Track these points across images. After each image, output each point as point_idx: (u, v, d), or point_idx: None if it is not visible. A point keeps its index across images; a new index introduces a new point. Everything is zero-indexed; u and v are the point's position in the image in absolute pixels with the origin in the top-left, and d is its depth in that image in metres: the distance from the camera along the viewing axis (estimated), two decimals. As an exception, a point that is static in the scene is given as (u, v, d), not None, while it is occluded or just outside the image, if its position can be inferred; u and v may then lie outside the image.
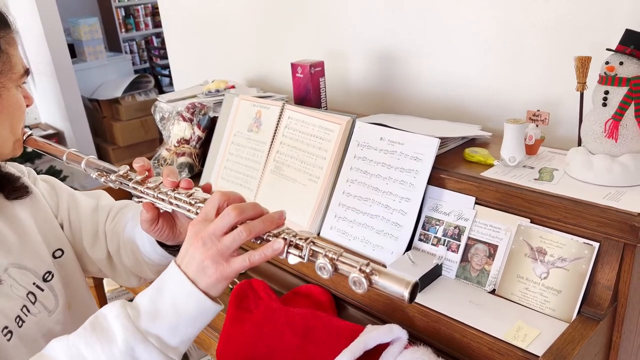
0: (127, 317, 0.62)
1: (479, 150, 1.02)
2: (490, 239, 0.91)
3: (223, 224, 0.63)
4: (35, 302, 0.81)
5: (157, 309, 0.62)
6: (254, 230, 0.63)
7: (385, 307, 0.93)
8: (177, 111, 1.52)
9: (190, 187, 0.75)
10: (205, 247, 0.63)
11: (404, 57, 1.36)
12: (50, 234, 0.89)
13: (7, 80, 0.74)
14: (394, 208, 1.00)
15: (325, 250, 0.62)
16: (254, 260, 0.63)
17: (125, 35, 4.90)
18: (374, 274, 0.59)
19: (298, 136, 1.18)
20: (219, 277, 0.63)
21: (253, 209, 0.65)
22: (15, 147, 0.80)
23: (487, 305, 0.85)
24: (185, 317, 0.63)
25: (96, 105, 4.03)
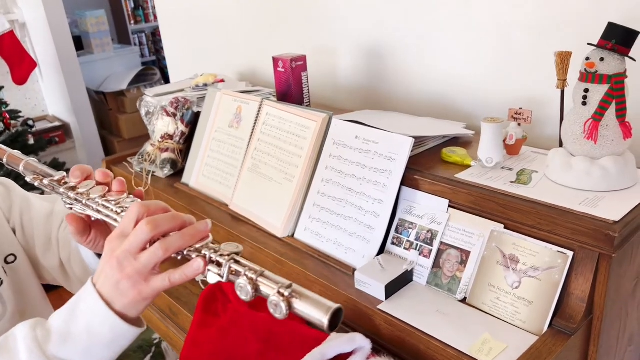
0: (34, 339, 0.58)
1: (457, 150, 0.97)
2: (463, 244, 0.86)
3: (138, 240, 0.59)
4: None
5: (69, 331, 0.59)
6: (171, 247, 0.59)
7: (353, 314, 0.89)
8: (161, 106, 1.49)
9: (123, 189, 0.70)
10: (120, 266, 0.59)
11: (391, 53, 1.31)
12: (2, 238, 0.87)
13: None
14: (367, 210, 0.96)
15: (245, 270, 0.57)
16: (175, 280, 0.59)
17: (134, 27, 4.89)
18: (295, 297, 0.54)
19: (275, 133, 1.14)
20: (137, 298, 0.59)
21: (171, 221, 0.60)
22: None
23: (455, 315, 0.81)
24: (99, 341, 0.59)
25: (102, 98, 4.03)
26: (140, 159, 1.51)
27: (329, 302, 0.53)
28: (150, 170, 1.45)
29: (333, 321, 0.52)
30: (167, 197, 1.33)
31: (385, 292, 0.85)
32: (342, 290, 0.90)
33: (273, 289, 0.55)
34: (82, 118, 3.69)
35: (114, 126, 4.08)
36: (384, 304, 0.85)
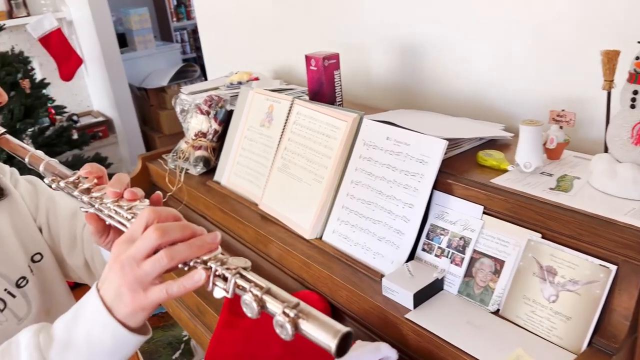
0: (36, 347, 0.57)
1: (494, 154, 0.92)
2: (497, 253, 0.82)
3: (144, 246, 0.57)
4: (4, 309, 0.79)
5: (71, 339, 0.58)
6: (177, 256, 0.56)
7: (379, 322, 0.86)
8: (195, 104, 1.50)
9: (134, 198, 0.68)
10: (123, 272, 0.57)
11: (427, 50, 1.27)
12: (29, 237, 0.87)
13: None
14: (397, 214, 0.93)
15: (251, 286, 0.55)
16: (172, 292, 0.57)
17: (176, 24, 4.97)
18: (301, 317, 0.51)
19: (306, 133, 1.12)
20: (136, 307, 0.57)
21: (181, 230, 0.58)
22: None
23: (487, 327, 0.77)
24: (100, 349, 0.58)
25: (144, 94, 4.11)
26: (174, 156, 1.52)
27: (338, 324, 0.50)
28: (183, 168, 1.45)
29: (342, 345, 0.49)
30: (199, 194, 1.33)
31: (413, 300, 0.82)
32: (368, 296, 0.87)
33: (279, 307, 0.52)
34: (125, 114, 3.79)
35: (154, 122, 4.16)
36: (411, 312, 0.82)
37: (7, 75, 2.62)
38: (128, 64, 3.96)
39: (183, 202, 1.41)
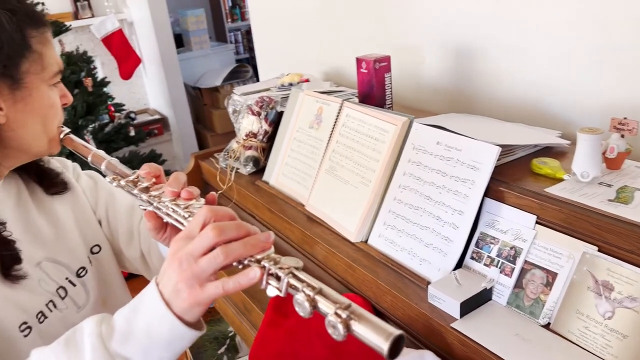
0: (99, 336, 0.60)
1: (549, 162, 0.89)
2: (550, 265, 0.79)
3: (201, 244, 0.59)
4: (65, 297, 0.83)
5: (131, 330, 0.60)
6: (232, 254, 0.58)
7: (424, 329, 0.85)
8: (247, 104, 1.52)
9: (191, 197, 0.71)
10: (180, 267, 0.59)
11: (480, 53, 1.24)
12: (89, 230, 0.92)
13: (38, 80, 0.75)
14: (446, 220, 0.92)
15: (303, 285, 0.56)
16: (228, 288, 0.59)
17: (230, 25, 5.08)
18: (353, 318, 0.51)
19: (354, 135, 1.12)
20: (192, 302, 0.59)
21: (236, 229, 0.60)
22: (50, 146, 0.82)
23: (537, 341, 0.75)
24: (158, 341, 0.60)
25: (198, 93, 4.23)
26: (225, 156, 1.56)
27: (390, 327, 0.50)
28: (234, 167, 1.48)
29: (394, 348, 0.49)
30: (248, 193, 1.36)
31: (460, 309, 0.80)
32: (413, 303, 0.86)
33: (331, 308, 0.52)
34: (179, 112, 3.90)
35: (207, 121, 4.26)
36: (458, 322, 0.80)
37: (71, 74, 2.76)
38: (184, 64, 4.07)
39: (232, 201, 1.44)
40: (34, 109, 0.76)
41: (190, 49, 4.37)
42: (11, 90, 0.72)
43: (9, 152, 0.77)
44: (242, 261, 0.60)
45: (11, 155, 0.78)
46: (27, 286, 0.78)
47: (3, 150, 0.76)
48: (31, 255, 0.80)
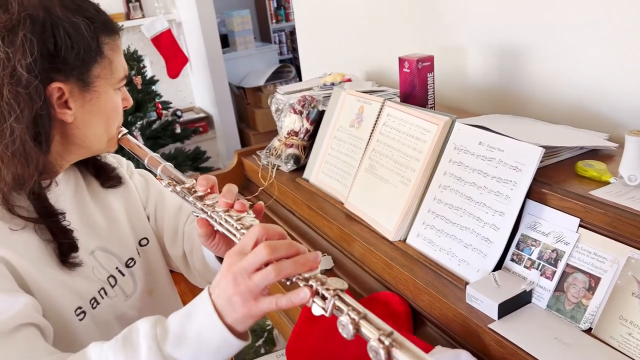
0: (154, 338, 0.63)
1: (595, 164, 0.87)
2: (593, 269, 0.77)
3: (255, 261, 0.62)
4: (115, 285, 0.87)
5: (184, 335, 0.63)
6: (283, 272, 0.61)
7: (461, 329, 0.84)
8: (289, 103, 1.55)
9: (243, 209, 0.75)
10: (235, 282, 0.62)
11: (526, 53, 1.22)
12: (138, 223, 0.96)
13: (106, 84, 0.80)
14: (486, 221, 0.91)
15: (349, 309, 0.57)
16: (281, 304, 0.62)
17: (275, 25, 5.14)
18: (395, 346, 0.53)
19: (395, 135, 1.13)
20: (246, 315, 0.63)
21: (287, 248, 0.63)
22: (109, 144, 0.86)
23: (577, 346, 0.73)
24: (207, 348, 0.63)
25: (242, 93, 4.30)
26: (267, 153, 1.59)
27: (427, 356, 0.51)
28: (275, 164, 1.51)
29: None
30: (288, 190, 1.38)
31: (498, 310, 0.79)
32: (451, 303, 0.86)
33: (374, 334, 0.54)
34: (223, 111, 3.98)
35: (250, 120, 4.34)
36: (495, 323, 0.80)
37: (122, 72, 2.86)
38: (229, 64, 4.15)
39: (273, 197, 1.47)
40: (99, 111, 0.80)
41: (235, 49, 4.45)
42: (81, 93, 0.77)
43: (72, 148, 0.82)
44: (290, 278, 0.63)
45: (73, 151, 0.83)
46: (82, 273, 0.82)
47: (67, 146, 0.81)
48: (86, 244, 0.85)
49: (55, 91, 0.74)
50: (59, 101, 0.76)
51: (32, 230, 0.76)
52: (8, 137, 0.71)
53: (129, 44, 3.45)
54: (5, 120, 0.71)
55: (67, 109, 0.77)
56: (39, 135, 0.74)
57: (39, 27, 0.71)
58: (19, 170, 0.72)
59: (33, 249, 0.76)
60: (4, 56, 0.70)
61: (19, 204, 0.76)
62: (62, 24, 0.73)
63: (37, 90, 0.71)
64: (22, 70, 0.70)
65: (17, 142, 0.71)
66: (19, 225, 0.75)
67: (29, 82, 0.70)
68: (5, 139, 0.71)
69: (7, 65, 0.70)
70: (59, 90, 0.75)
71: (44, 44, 0.72)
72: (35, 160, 0.73)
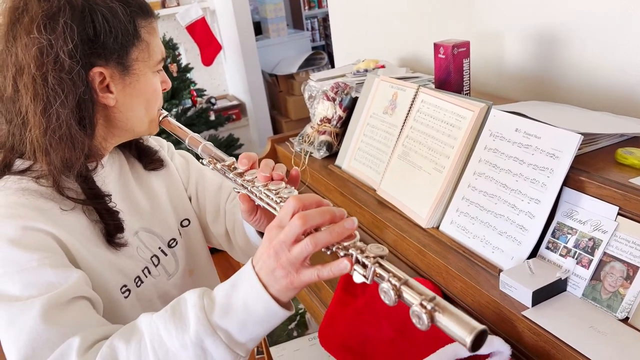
0: (202, 308, 0.66)
1: (635, 152, 0.85)
2: (631, 258, 0.76)
3: (291, 233, 0.63)
4: (158, 265, 0.90)
5: (230, 305, 0.66)
6: (319, 243, 0.62)
7: (494, 316, 0.84)
8: (322, 90, 1.55)
9: (281, 178, 0.76)
10: (277, 256, 0.64)
11: (565, 38, 1.19)
12: (180, 204, 0.98)
13: (145, 67, 0.82)
14: (521, 209, 0.90)
15: (389, 275, 0.58)
16: (323, 275, 0.63)
17: (307, 12, 5.13)
18: (437, 310, 0.53)
19: (429, 121, 1.12)
20: (289, 286, 0.64)
21: (321, 215, 0.64)
22: (150, 127, 0.88)
23: (613, 335, 0.72)
24: (253, 317, 0.65)
25: (275, 80, 4.32)
26: (300, 140, 1.60)
27: (474, 321, 0.52)
28: (308, 151, 1.52)
29: (476, 342, 0.50)
30: (321, 177, 1.39)
31: (532, 298, 0.79)
32: (484, 289, 0.86)
33: (416, 299, 0.54)
34: (256, 98, 4.01)
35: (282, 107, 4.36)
36: (529, 310, 0.79)
37: (158, 60, 2.92)
38: (261, 51, 4.17)
39: (306, 184, 1.48)
40: (140, 94, 0.82)
41: (268, 37, 4.47)
42: (122, 76, 0.79)
43: (115, 131, 0.84)
44: (331, 247, 0.64)
45: (116, 133, 0.85)
46: (127, 253, 0.85)
47: (110, 129, 0.84)
48: (131, 225, 0.88)
49: (97, 76, 0.77)
50: (100, 85, 0.78)
51: (81, 211, 0.80)
52: (55, 122, 0.74)
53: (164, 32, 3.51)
54: (51, 105, 0.74)
55: (109, 92, 0.79)
56: (83, 119, 0.76)
57: (78, 13, 0.73)
58: (66, 153, 0.75)
59: (82, 229, 0.79)
60: (47, 43, 0.72)
61: (68, 186, 0.79)
62: (99, 9, 0.75)
63: (79, 75, 0.74)
64: (64, 57, 0.72)
65: (64, 127, 0.74)
66: (68, 206, 0.78)
67: (71, 68, 0.73)
68: (52, 124, 0.74)
69: (50, 52, 0.72)
70: (100, 74, 0.77)
71: (83, 29, 0.74)
72: (81, 144, 0.76)
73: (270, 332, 1.53)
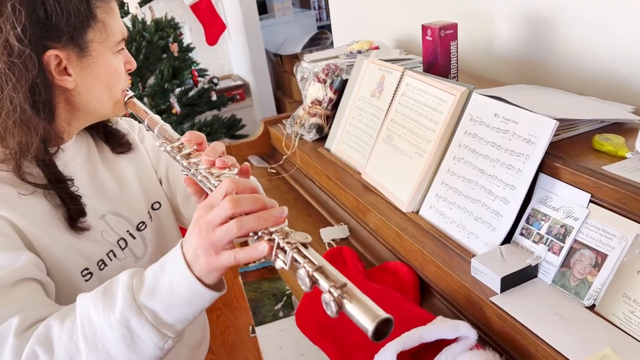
0: (129, 288, 0.66)
1: (613, 138, 0.84)
2: (600, 245, 0.76)
3: (218, 214, 0.63)
4: (125, 248, 0.90)
5: (157, 286, 0.65)
6: (245, 226, 0.62)
7: (465, 301, 0.85)
8: (314, 72, 1.54)
9: (224, 166, 0.74)
10: (200, 235, 0.63)
11: (556, 21, 1.17)
12: (150, 187, 0.98)
13: (103, 48, 0.80)
14: (497, 195, 0.90)
15: (305, 262, 0.57)
16: (239, 258, 0.63)
17: (314, -9, 5.06)
18: (346, 298, 0.53)
19: (413, 105, 1.11)
20: (209, 268, 0.64)
21: (252, 202, 0.64)
22: (115, 108, 0.87)
23: (578, 322, 0.73)
24: (179, 298, 0.65)
25: (279, 60, 4.29)
26: (292, 122, 1.60)
27: (380, 310, 0.51)
28: (299, 133, 1.52)
29: (380, 330, 0.50)
30: (309, 160, 1.39)
31: (500, 284, 0.79)
32: (455, 274, 0.86)
33: (326, 286, 0.54)
34: (260, 78, 3.99)
35: (286, 87, 4.33)
36: (498, 296, 0.80)
37: (159, 39, 2.90)
38: (266, 30, 4.14)
39: (296, 166, 1.48)
40: (99, 75, 0.81)
41: (274, 15, 4.42)
42: (79, 58, 0.78)
43: (78, 114, 0.84)
44: (257, 233, 0.63)
45: (80, 116, 0.85)
46: (90, 237, 0.85)
47: (73, 112, 0.83)
48: (96, 209, 0.88)
49: (52, 59, 0.76)
50: (58, 68, 0.77)
51: (42, 196, 0.80)
52: (8, 107, 0.73)
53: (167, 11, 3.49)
54: (2, 90, 0.73)
55: (67, 75, 0.78)
56: (38, 103, 0.75)
57: None
58: (22, 138, 0.74)
59: (42, 213, 0.79)
60: None
61: (29, 170, 0.79)
62: None
63: (31, 59, 0.72)
64: (13, 41, 0.71)
65: (18, 111, 0.73)
66: (28, 191, 0.78)
67: (21, 52, 0.71)
68: (6, 109, 0.73)
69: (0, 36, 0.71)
70: (56, 57, 0.76)
71: (33, 12, 0.72)
72: (36, 127, 0.75)
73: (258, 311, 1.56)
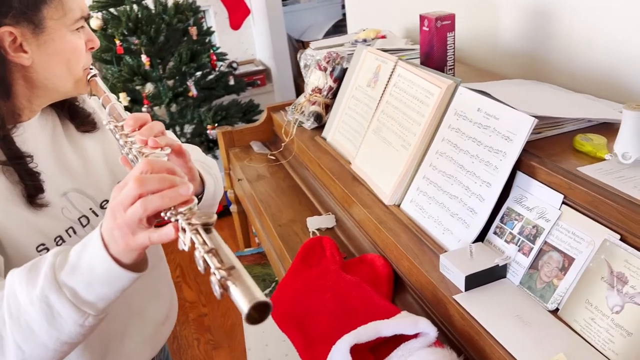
0: (52, 265, 0.66)
1: (594, 139, 0.81)
2: (569, 249, 0.74)
3: (127, 195, 0.63)
4: (87, 225, 0.91)
5: (78, 264, 0.66)
6: (150, 206, 0.62)
7: (432, 298, 0.84)
8: (316, 59, 1.53)
9: (155, 147, 0.74)
10: (113, 216, 0.64)
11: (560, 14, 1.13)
12: (117, 166, 0.98)
13: (60, 25, 0.80)
14: (473, 191, 0.88)
15: (199, 243, 0.57)
16: (153, 239, 0.63)
17: (341, -23, 5.01)
18: (230, 280, 0.52)
19: (402, 96, 1.10)
20: (126, 248, 0.64)
21: (159, 182, 0.63)
22: (77, 86, 0.87)
23: (537, 325, 0.71)
24: (97, 278, 0.66)
25: (301, 46, 4.28)
26: (293, 109, 1.59)
27: (260, 294, 0.51)
28: (298, 120, 1.52)
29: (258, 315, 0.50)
30: (305, 148, 1.39)
31: (465, 282, 0.78)
32: (424, 270, 0.85)
33: (212, 268, 0.54)
34: (281, 64, 3.99)
35: (308, 74, 4.32)
36: (461, 295, 0.78)
37: (178, 22, 2.92)
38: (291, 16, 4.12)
39: (293, 153, 1.48)
40: (56, 53, 0.81)
41: (298, 1, 4.40)
42: (34, 35, 0.78)
43: (38, 91, 0.85)
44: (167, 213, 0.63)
45: (40, 94, 0.85)
46: (49, 213, 0.86)
47: (32, 89, 0.84)
48: (58, 186, 0.89)
49: (6, 35, 0.76)
50: (13, 45, 0.77)
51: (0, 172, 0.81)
52: None
53: (190, -6, 3.51)
54: None
55: (23, 52, 0.78)
56: None
57: None
58: None
59: None
60: None
61: None
62: None
63: None
64: None
65: None
66: None
67: None
68: None
69: None
70: (10, 34, 0.76)
71: None
72: None
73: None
